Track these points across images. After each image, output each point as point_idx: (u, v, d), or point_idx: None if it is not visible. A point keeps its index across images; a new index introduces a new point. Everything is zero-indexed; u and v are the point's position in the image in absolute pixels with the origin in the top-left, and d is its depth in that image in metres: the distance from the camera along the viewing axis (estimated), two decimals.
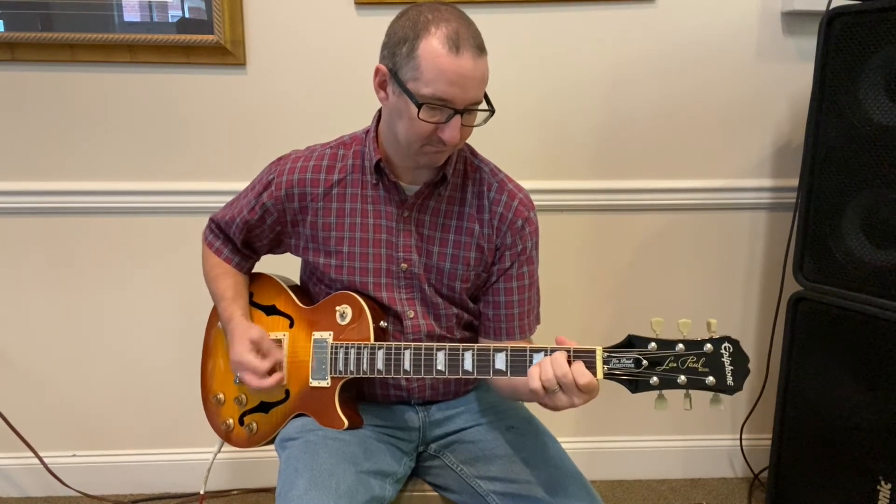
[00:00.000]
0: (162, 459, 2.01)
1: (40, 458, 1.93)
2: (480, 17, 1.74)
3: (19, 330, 1.91)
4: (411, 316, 1.22)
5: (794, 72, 1.82)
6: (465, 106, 1.05)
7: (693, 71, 1.82)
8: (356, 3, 1.74)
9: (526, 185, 1.27)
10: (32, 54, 1.72)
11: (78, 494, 1.98)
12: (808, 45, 1.78)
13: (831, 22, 1.50)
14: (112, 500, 1.98)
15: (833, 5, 1.50)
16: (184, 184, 1.83)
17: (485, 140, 1.21)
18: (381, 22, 1.74)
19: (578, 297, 1.97)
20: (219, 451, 1.37)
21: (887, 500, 1.48)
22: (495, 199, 1.21)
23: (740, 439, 2.04)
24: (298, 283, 1.37)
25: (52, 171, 1.81)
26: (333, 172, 1.21)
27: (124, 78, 1.76)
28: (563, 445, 1.25)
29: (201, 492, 1.49)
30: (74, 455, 2.00)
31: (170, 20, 1.71)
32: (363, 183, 1.20)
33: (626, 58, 1.81)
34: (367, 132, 1.22)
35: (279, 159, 1.26)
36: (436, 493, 1.27)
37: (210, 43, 1.72)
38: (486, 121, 1.11)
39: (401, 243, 1.21)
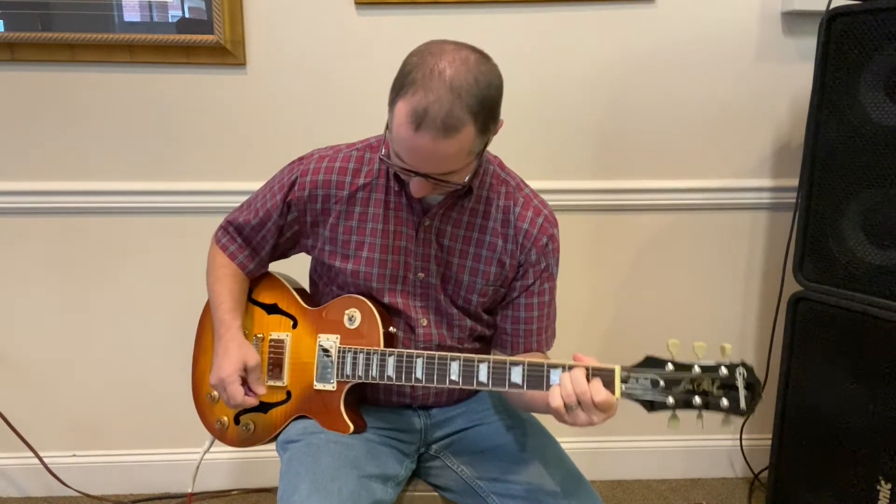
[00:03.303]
0: (162, 459, 2.01)
1: (40, 458, 1.93)
2: (481, 18, 1.76)
3: (19, 330, 1.91)
4: (424, 324, 1.21)
5: (794, 72, 1.82)
6: (428, 173, 1.02)
7: (693, 71, 1.82)
8: (356, 3, 1.74)
9: (532, 187, 1.26)
10: (32, 54, 1.72)
11: (78, 494, 1.98)
12: (808, 45, 1.78)
13: (831, 22, 1.50)
14: (112, 500, 1.98)
15: (833, 5, 1.50)
16: (184, 184, 1.83)
17: None
18: (381, 22, 1.76)
19: (579, 297, 1.97)
20: (208, 450, 1.35)
21: (887, 500, 1.48)
22: (521, 214, 1.20)
23: (740, 439, 2.04)
24: (305, 279, 1.35)
25: (52, 171, 1.81)
26: (360, 176, 1.19)
27: (124, 78, 1.76)
28: (564, 446, 1.25)
29: (189, 490, 1.48)
30: (74, 455, 2.00)
31: (170, 20, 1.71)
32: (387, 189, 1.18)
33: (626, 58, 1.81)
34: None
35: (300, 159, 1.23)
36: (436, 494, 1.27)
37: (210, 43, 1.72)
38: (455, 190, 1.10)
39: (420, 253, 1.19)
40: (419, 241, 1.19)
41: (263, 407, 1.25)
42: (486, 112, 1.00)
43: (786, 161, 1.88)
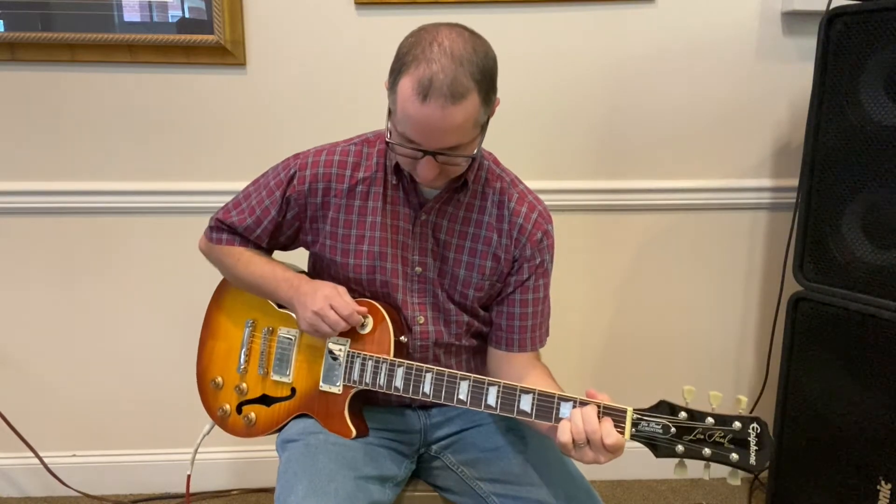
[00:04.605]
0: (162, 459, 2.01)
1: (40, 458, 1.93)
2: (480, 18, 1.76)
3: (19, 330, 1.91)
4: (421, 322, 1.21)
5: (794, 72, 1.82)
6: (437, 149, 1.02)
7: (693, 71, 1.82)
8: (356, 4, 1.74)
9: (526, 184, 1.27)
10: (32, 54, 1.72)
11: (78, 494, 1.98)
12: (808, 45, 1.78)
13: (831, 22, 1.50)
14: (112, 500, 1.98)
15: (833, 5, 1.50)
16: (183, 184, 1.83)
17: (486, 141, 1.21)
18: (381, 22, 1.76)
19: (578, 298, 1.97)
20: (208, 433, 1.36)
21: (887, 500, 1.48)
22: (515, 209, 1.20)
23: None
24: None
25: (52, 171, 1.81)
26: (359, 170, 1.19)
27: (124, 78, 1.76)
28: None
29: (188, 472, 1.47)
30: (74, 455, 2.00)
31: (170, 20, 1.71)
32: (385, 183, 1.19)
33: (625, 57, 1.81)
34: None
35: (297, 155, 1.23)
36: (436, 494, 1.27)
37: (210, 43, 1.72)
38: (467, 164, 1.09)
39: (416, 247, 1.20)
40: (415, 236, 1.19)
41: (266, 400, 1.25)
42: (488, 81, 1.01)
43: (786, 161, 1.88)
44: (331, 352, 1.18)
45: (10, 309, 1.90)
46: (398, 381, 1.13)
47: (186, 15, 1.71)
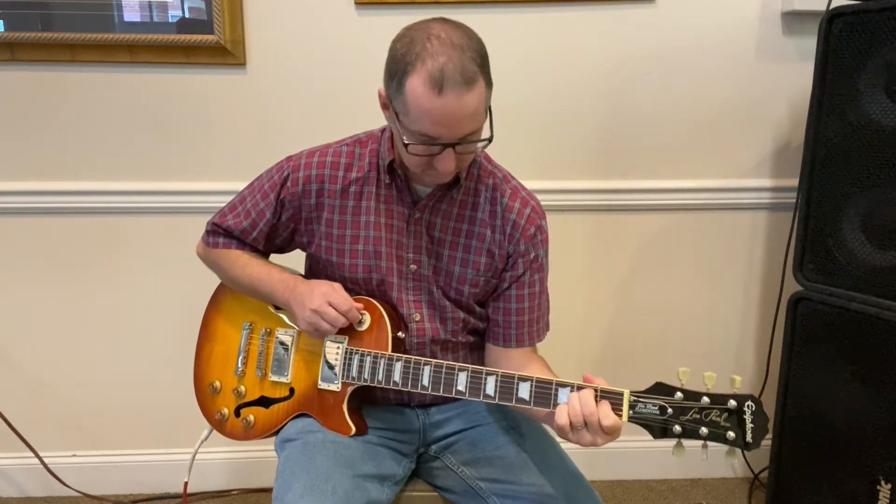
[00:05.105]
0: (162, 459, 2.01)
1: (40, 458, 1.93)
2: (480, 18, 1.76)
3: (19, 330, 1.91)
4: (417, 319, 1.22)
5: (794, 72, 1.82)
6: (457, 139, 1.03)
7: (693, 71, 1.82)
8: (356, 3, 1.74)
9: (525, 184, 1.27)
10: (32, 54, 1.72)
11: (78, 494, 1.98)
12: (808, 45, 1.78)
13: (831, 22, 1.50)
14: (112, 500, 1.99)
15: (833, 5, 1.50)
16: (183, 184, 1.83)
17: None
18: (381, 22, 1.76)
19: (578, 297, 1.97)
20: (206, 439, 1.36)
21: (887, 500, 1.48)
22: (508, 205, 1.21)
23: None
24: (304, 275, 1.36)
25: (52, 171, 1.81)
26: (352, 170, 1.20)
27: (124, 78, 1.76)
28: (563, 446, 1.25)
29: (185, 479, 1.47)
30: (74, 455, 2.00)
31: (170, 20, 1.71)
32: (378, 182, 1.20)
33: (625, 58, 1.81)
34: (383, 130, 1.21)
35: (289, 157, 1.24)
36: (436, 494, 1.27)
37: (210, 43, 1.72)
38: (485, 147, 1.10)
39: (411, 244, 1.20)
40: (410, 234, 1.20)
41: (265, 402, 1.25)
42: (486, 66, 1.04)
43: (786, 161, 1.88)
44: (328, 360, 1.18)
45: (10, 309, 1.90)
46: (396, 376, 1.13)
47: (186, 15, 1.71)
